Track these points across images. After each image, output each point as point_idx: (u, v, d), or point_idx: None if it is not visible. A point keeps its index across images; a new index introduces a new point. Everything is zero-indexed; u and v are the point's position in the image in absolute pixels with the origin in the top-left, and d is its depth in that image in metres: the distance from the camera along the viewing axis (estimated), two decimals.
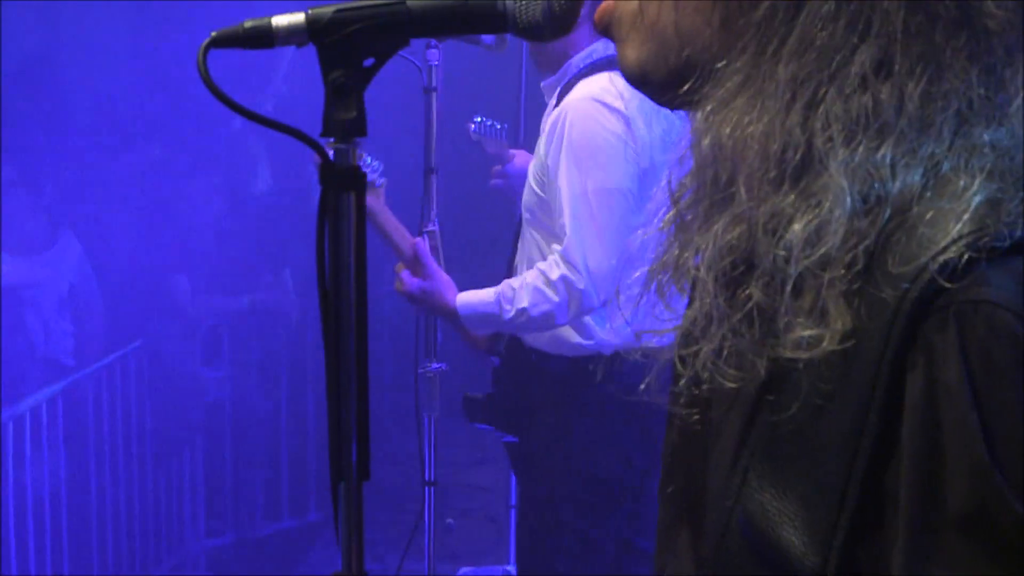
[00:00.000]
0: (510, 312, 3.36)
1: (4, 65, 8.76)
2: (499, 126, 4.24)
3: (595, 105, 3.36)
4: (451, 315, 3.50)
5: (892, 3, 1.05)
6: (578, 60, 3.49)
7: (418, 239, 3.61)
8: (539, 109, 3.73)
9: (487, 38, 3.65)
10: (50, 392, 5.49)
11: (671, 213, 1.20)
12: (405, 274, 3.55)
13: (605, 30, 1.23)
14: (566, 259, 3.29)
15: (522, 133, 4.71)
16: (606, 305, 3.35)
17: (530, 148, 3.91)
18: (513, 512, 5.65)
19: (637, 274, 1.25)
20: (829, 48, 1.06)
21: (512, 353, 3.74)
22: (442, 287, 3.51)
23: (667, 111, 1.15)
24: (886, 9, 1.05)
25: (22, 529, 5.31)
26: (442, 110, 3.95)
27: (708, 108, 1.12)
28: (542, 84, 3.64)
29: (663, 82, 1.20)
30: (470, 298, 3.48)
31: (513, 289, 3.38)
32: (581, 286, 3.28)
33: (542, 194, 3.46)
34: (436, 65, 3.89)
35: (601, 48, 3.46)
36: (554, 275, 3.30)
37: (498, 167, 4.31)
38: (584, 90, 3.40)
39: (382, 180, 3.55)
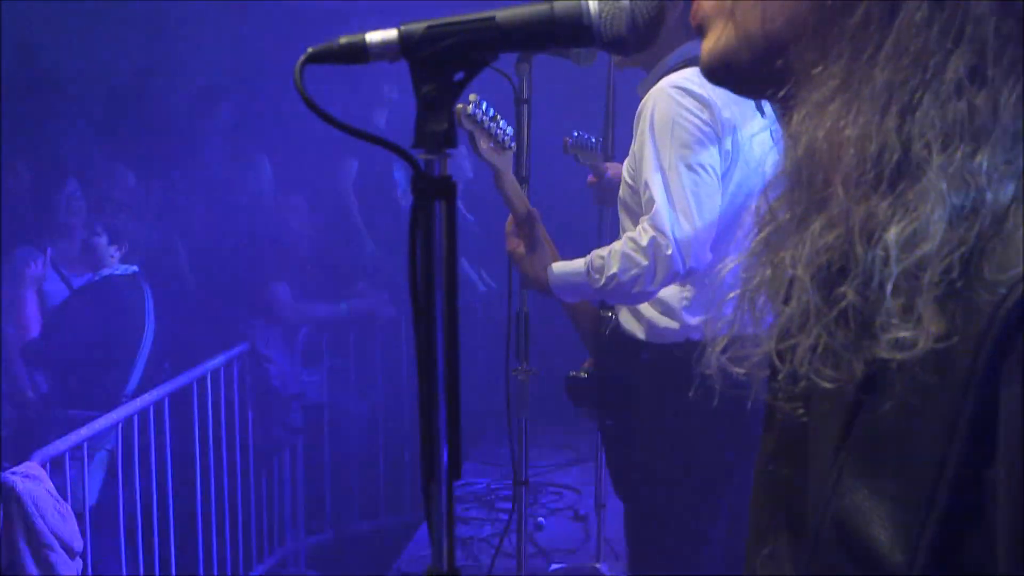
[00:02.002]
0: (599, 280, 3.36)
1: (117, 82, 8.91)
2: (593, 140, 4.28)
3: (676, 90, 3.40)
4: (544, 283, 3.52)
5: (983, 9, 1.03)
6: (669, 60, 3.52)
7: (533, 208, 3.64)
8: (628, 121, 3.73)
9: (575, 51, 3.67)
10: (158, 395, 5.56)
11: (767, 214, 1.20)
12: (513, 232, 3.60)
13: (698, 28, 1.22)
14: (654, 225, 3.30)
15: (613, 145, 4.70)
16: (691, 275, 3.36)
17: (620, 160, 3.92)
18: (603, 512, 5.66)
19: (731, 265, 1.25)
20: (923, 53, 1.05)
21: (612, 339, 3.75)
22: (543, 256, 3.53)
23: (750, 105, 1.14)
24: (978, 15, 1.03)
25: (131, 526, 5.40)
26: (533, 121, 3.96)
27: (803, 112, 1.12)
28: (637, 86, 3.64)
29: (745, 76, 1.20)
30: (561, 267, 3.50)
31: (602, 258, 3.38)
32: (668, 251, 3.27)
33: (632, 183, 3.49)
34: (528, 78, 3.89)
35: (691, 49, 3.48)
36: (643, 240, 3.30)
37: (592, 179, 4.36)
38: (667, 80, 3.44)
39: (512, 144, 3.56)
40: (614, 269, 3.34)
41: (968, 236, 1.00)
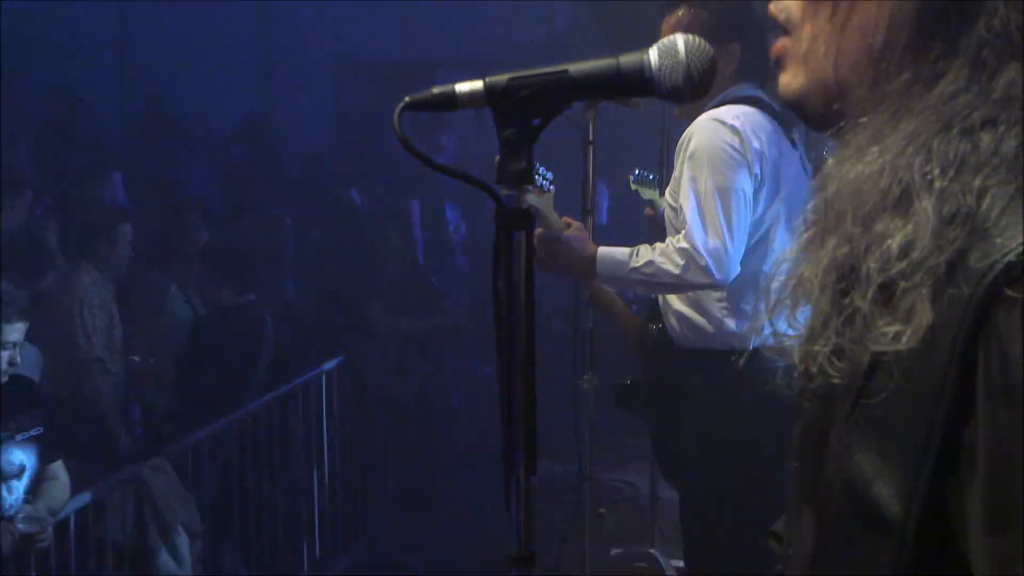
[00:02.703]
0: (639, 262, 3.34)
1: (231, 128, 9.03)
2: (652, 176, 4.31)
3: (714, 123, 3.40)
4: (589, 263, 3.42)
5: (1010, 79, 1.05)
6: (709, 104, 3.49)
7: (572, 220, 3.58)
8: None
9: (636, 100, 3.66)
10: (266, 399, 5.62)
11: (799, 235, 1.21)
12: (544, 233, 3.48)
13: (778, 62, 1.23)
14: (688, 239, 3.29)
15: (666, 181, 4.72)
16: (723, 286, 3.33)
17: None
18: (657, 503, 5.64)
19: (775, 284, 1.25)
20: (950, 113, 1.07)
21: (659, 347, 3.71)
22: (583, 244, 3.45)
23: (781, 136, 1.12)
24: (1005, 85, 1.05)
25: (244, 511, 5.44)
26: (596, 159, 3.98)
27: (842, 154, 1.14)
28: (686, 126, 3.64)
29: (816, 114, 1.21)
30: (608, 249, 3.44)
31: (647, 248, 3.37)
32: (702, 263, 3.26)
33: (675, 204, 3.47)
34: (595, 122, 3.90)
35: (735, 91, 3.48)
36: (679, 245, 3.30)
37: (649, 210, 4.36)
38: (706, 114, 3.43)
39: (551, 188, 3.54)
40: (651, 256, 3.32)
41: (956, 241, 1.02)
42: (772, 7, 1.24)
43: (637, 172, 4.28)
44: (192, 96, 9.17)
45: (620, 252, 3.41)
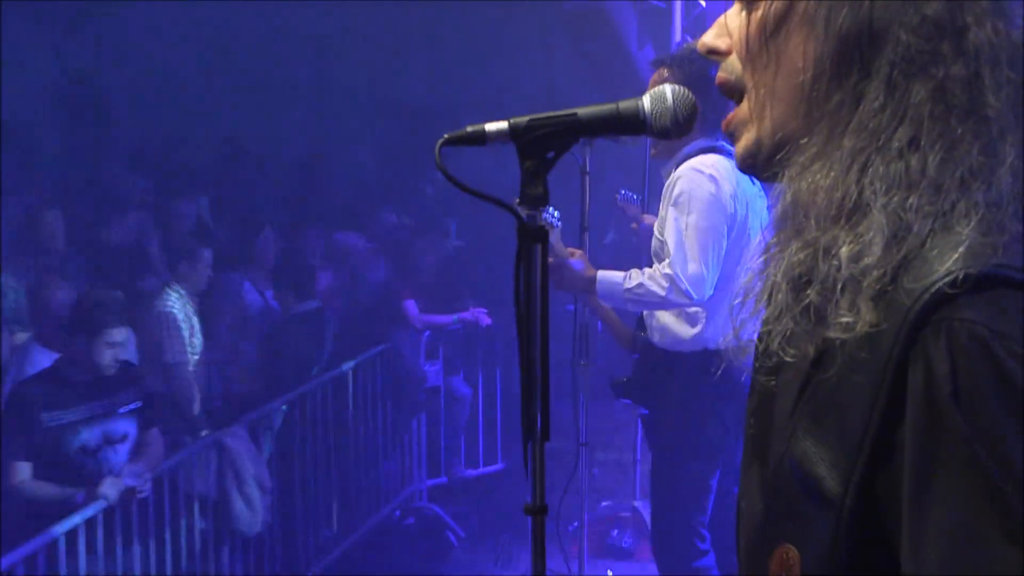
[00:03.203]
0: (632, 282, 3.35)
1: (295, 158, 9.05)
2: (635, 196, 4.30)
3: (694, 171, 3.41)
4: (590, 283, 3.44)
5: (921, 96, 1.04)
6: (684, 151, 3.50)
7: (575, 250, 3.61)
8: (657, 185, 3.73)
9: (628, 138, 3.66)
10: (320, 380, 5.60)
11: (766, 245, 1.19)
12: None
13: (730, 135, 1.22)
14: (672, 267, 3.32)
15: (647, 201, 4.70)
16: (700, 304, 3.36)
17: (653, 212, 3.92)
18: (638, 464, 5.62)
19: (740, 299, 1.24)
20: (878, 130, 1.05)
21: (645, 350, 3.72)
22: (584, 267, 3.48)
23: (750, 187, 1.10)
24: (917, 102, 1.04)
25: (303, 471, 5.44)
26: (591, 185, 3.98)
27: (792, 171, 1.12)
28: (662, 170, 3.64)
29: (763, 163, 1.19)
30: (606, 272, 3.45)
31: (638, 273, 3.38)
32: (684, 287, 3.29)
33: (661, 238, 3.47)
34: (589, 155, 3.90)
35: (700, 142, 3.47)
36: (664, 272, 3.33)
37: (634, 224, 4.35)
38: (687, 163, 3.44)
39: (558, 224, 3.55)
40: (642, 280, 3.34)
41: (897, 255, 1.01)
42: (720, 73, 1.23)
43: (623, 192, 4.29)
44: (264, 131, 9.24)
45: (615, 275, 3.42)
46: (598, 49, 7.16)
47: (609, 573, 5.18)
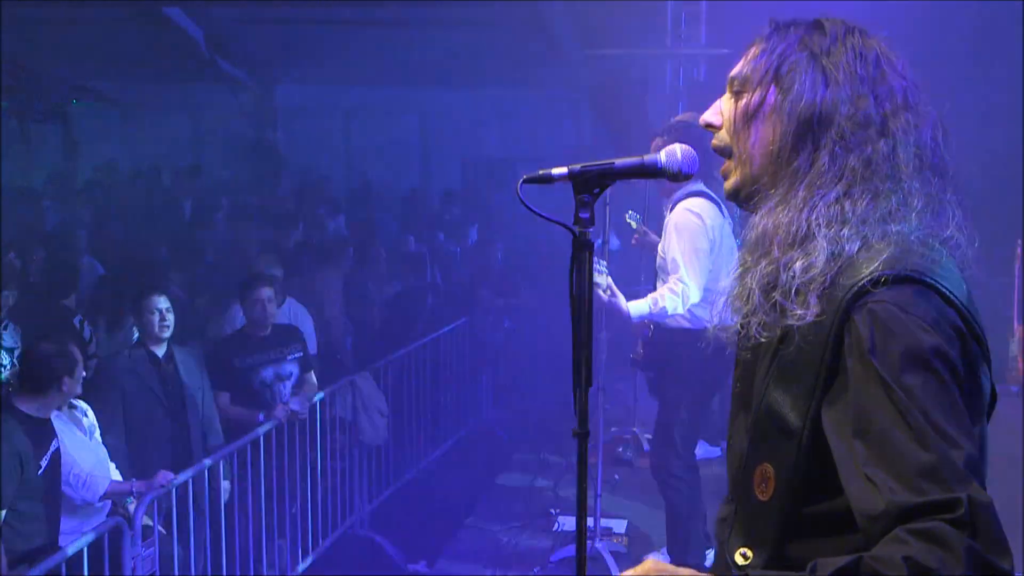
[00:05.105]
0: (656, 308, 3.36)
1: (400, 190, 9.06)
2: (639, 215, 4.28)
3: (685, 211, 3.44)
4: (626, 312, 3.35)
5: (855, 164, 1.06)
6: (679, 193, 3.52)
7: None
8: (658, 208, 3.71)
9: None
10: (421, 343, 5.52)
11: (740, 262, 1.20)
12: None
13: (724, 176, 1.23)
14: (679, 279, 3.35)
15: (649, 219, 4.65)
16: (699, 304, 3.37)
17: (653, 229, 3.90)
18: (636, 403, 5.53)
19: (724, 297, 1.24)
20: (823, 185, 1.08)
21: (656, 330, 3.71)
22: (621, 301, 3.34)
23: (722, 220, 1.06)
24: (852, 168, 1.06)
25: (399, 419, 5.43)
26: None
27: (763, 211, 1.14)
28: (663, 208, 3.65)
29: (743, 199, 1.21)
30: (636, 303, 3.38)
31: (657, 296, 3.38)
32: (689, 292, 3.33)
33: (664, 257, 3.51)
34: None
35: (692, 186, 3.46)
36: (677, 288, 3.35)
37: (636, 237, 4.30)
38: (681, 204, 3.47)
39: (605, 271, 3.34)
40: (663, 304, 3.35)
41: (835, 267, 1.03)
42: (714, 140, 1.24)
43: (631, 212, 4.26)
44: (384, 171, 9.33)
45: (643, 304, 3.37)
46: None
47: (616, 477, 5.18)
